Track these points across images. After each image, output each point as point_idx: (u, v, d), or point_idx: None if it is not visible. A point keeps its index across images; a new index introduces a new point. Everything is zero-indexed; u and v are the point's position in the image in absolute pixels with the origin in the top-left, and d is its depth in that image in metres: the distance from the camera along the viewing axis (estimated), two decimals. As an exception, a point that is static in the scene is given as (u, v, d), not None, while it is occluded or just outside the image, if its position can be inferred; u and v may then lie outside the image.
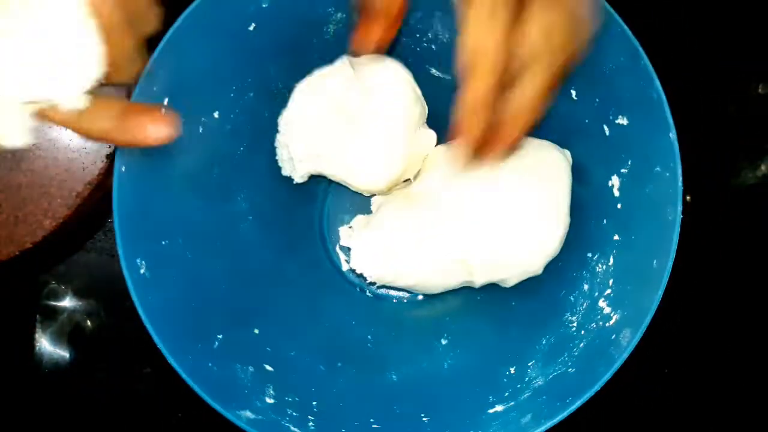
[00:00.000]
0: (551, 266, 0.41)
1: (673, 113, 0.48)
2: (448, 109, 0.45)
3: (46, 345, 0.50)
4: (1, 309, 0.51)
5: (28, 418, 0.49)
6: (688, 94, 0.51)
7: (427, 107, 0.43)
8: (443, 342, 0.43)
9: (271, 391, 0.38)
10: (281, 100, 0.43)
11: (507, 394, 0.38)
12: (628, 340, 0.36)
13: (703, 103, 0.51)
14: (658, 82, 0.36)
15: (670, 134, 0.36)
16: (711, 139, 0.51)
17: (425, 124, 0.44)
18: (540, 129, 0.42)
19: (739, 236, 0.50)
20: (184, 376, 0.35)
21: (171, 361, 0.35)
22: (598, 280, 0.40)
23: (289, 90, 0.43)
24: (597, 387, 0.35)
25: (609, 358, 0.36)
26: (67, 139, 0.49)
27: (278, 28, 0.41)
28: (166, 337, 0.36)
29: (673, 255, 0.35)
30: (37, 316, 0.50)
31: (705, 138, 0.50)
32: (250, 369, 0.39)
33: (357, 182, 0.42)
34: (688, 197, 0.49)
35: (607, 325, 0.38)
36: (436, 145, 0.44)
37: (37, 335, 0.50)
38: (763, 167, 0.51)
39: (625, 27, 0.37)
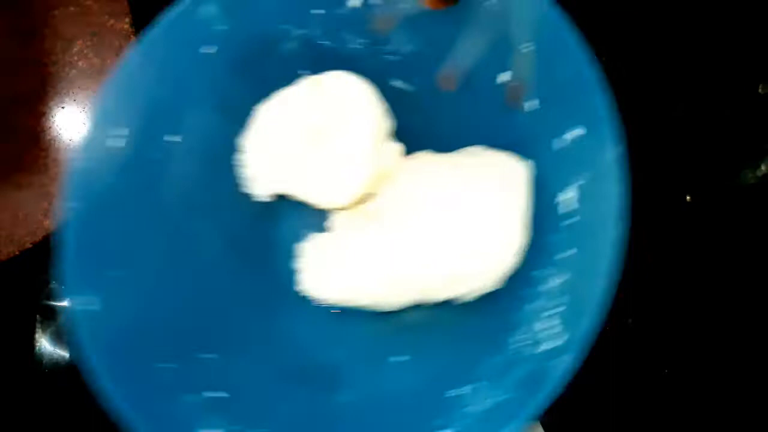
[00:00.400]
0: (507, 282, 0.40)
1: (673, 113, 0.48)
2: (412, 122, 0.45)
3: (46, 345, 0.50)
4: (1, 309, 0.51)
5: (28, 419, 0.49)
6: (688, 93, 0.51)
7: (391, 120, 0.43)
8: (397, 359, 0.42)
9: (223, 420, 0.37)
10: (242, 120, 0.43)
11: (455, 416, 0.37)
12: (571, 362, 0.35)
13: (703, 103, 0.51)
14: (608, 95, 0.36)
15: (616, 149, 0.36)
16: (711, 139, 0.51)
17: (390, 138, 0.43)
18: (493, 141, 0.42)
19: (739, 236, 0.50)
20: (128, 414, 0.34)
21: (112, 396, 0.34)
22: (550, 296, 0.38)
23: (250, 110, 0.43)
24: (543, 407, 0.34)
25: (554, 379, 0.35)
26: (67, 138, 0.49)
27: (237, 49, 0.41)
28: (114, 371, 0.35)
29: (614, 276, 0.34)
30: (37, 316, 0.50)
31: (705, 138, 0.50)
32: (204, 395, 0.37)
33: (322, 200, 0.42)
34: (688, 197, 0.49)
35: (556, 344, 0.36)
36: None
37: (37, 335, 0.50)
38: (763, 167, 0.51)
39: (579, 35, 0.36)
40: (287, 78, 0.42)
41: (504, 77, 0.40)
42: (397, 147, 0.43)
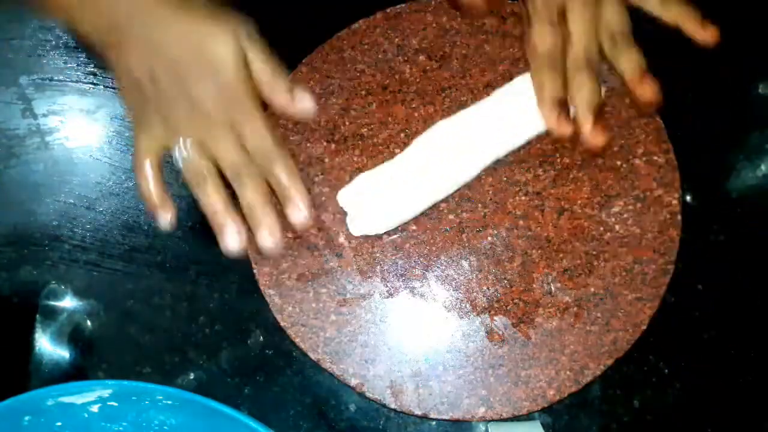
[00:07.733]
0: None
1: (674, 112, 0.48)
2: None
3: (46, 345, 0.50)
4: (1, 309, 0.51)
5: (28, 418, 0.49)
6: (689, 93, 0.51)
7: None
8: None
9: None
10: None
11: None
12: None
13: (704, 103, 0.51)
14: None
15: None
16: (711, 139, 0.51)
17: None
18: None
19: (739, 237, 0.50)
20: None
21: None
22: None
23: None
24: None
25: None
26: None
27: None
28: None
29: None
30: (37, 316, 0.50)
31: (705, 138, 0.50)
32: None
33: None
34: (688, 197, 0.49)
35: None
36: None
37: (37, 335, 0.50)
38: (763, 167, 0.51)
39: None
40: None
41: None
42: None
